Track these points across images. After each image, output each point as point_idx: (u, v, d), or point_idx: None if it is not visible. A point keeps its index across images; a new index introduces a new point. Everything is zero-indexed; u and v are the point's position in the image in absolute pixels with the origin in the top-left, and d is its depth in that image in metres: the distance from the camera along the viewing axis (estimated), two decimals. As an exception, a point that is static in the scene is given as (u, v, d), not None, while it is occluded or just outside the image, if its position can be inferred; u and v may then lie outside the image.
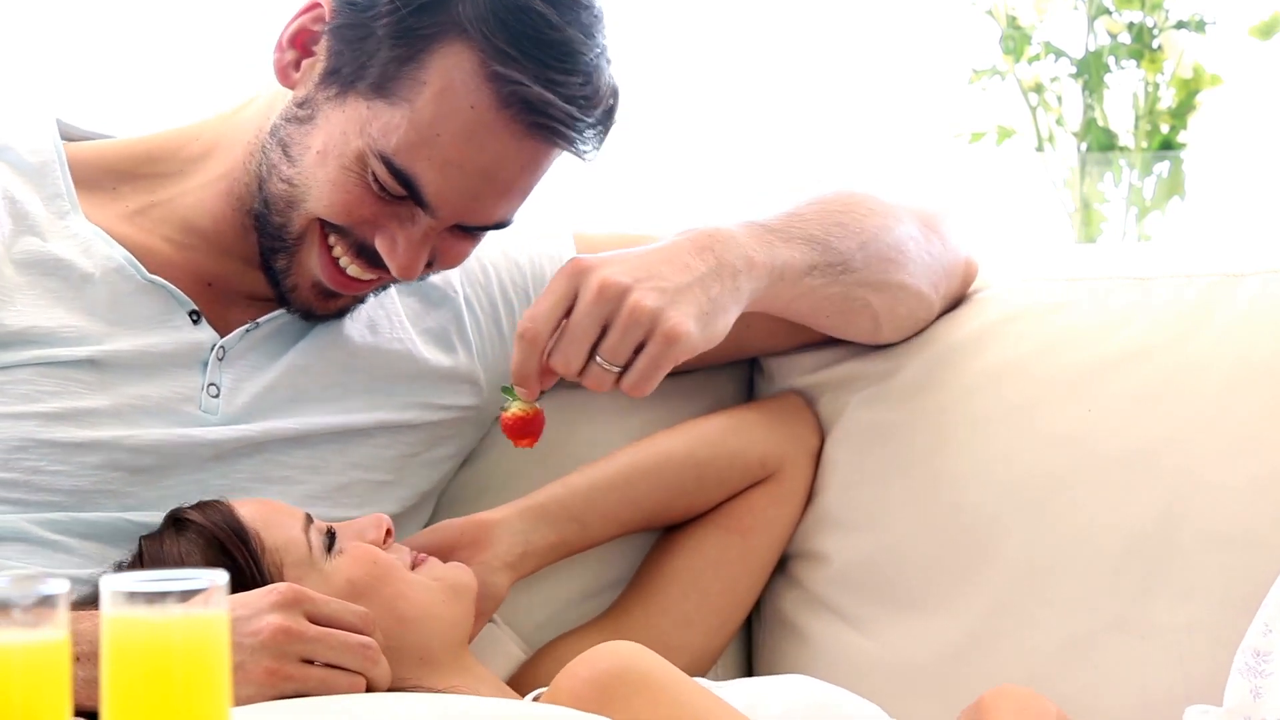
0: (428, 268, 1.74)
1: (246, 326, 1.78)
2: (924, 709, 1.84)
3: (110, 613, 1.09)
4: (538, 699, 1.58)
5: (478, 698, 1.58)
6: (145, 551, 1.66)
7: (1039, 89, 2.82)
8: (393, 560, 1.69)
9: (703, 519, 1.92)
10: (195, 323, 1.76)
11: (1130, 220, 2.81)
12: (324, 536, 1.67)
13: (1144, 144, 2.80)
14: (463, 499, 1.93)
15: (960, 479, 1.88)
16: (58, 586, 1.08)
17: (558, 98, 1.66)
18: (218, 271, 1.79)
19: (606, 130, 1.72)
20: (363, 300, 1.82)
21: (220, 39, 2.77)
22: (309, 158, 1.71)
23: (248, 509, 1.66)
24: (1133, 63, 2.80)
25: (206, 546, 1.63)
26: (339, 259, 1.73)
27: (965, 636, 1.86)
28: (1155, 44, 2.79)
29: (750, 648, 1.99)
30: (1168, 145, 2.80)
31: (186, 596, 1.08)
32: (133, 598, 1.08)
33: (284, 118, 1.73)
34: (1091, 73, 2.79)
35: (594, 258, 1.66)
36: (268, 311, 1.80)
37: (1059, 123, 2.83)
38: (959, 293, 1.98)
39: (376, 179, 1.68)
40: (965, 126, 2.88)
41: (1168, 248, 2.34)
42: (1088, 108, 2.81)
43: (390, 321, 1.86)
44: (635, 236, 1.91)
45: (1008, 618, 1.85)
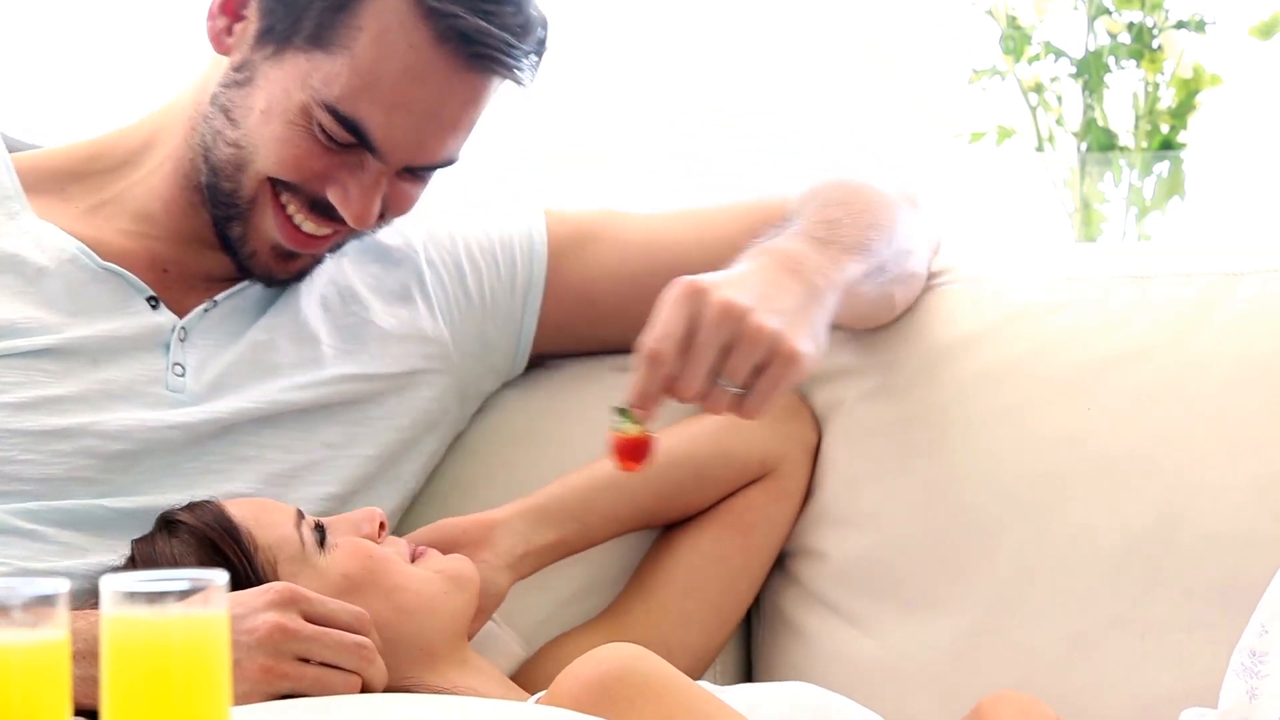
0: (381, 218, 1.77)
1: (205, 306, 1.80)
2: (923, 707, 1.85)
3: (110, 612, 1.09)
4: (538, 702, 1.58)
5: (479, 699, 1.58)
6: (137, 554, 1.66)
7: (1039, 89, 2.82)
8: (388, 553, 1.68)
9: (701, 517, 1.92)
10: (154, 308, 1.78)
11: (1130, 220, 2.81)
12: (315, 532, 1.66)
13: (1144, 144, 2.79)
14: (462, 499, 1.93)
15: (959, 477, 1.88)
16: (57, 586, 1.08)
17: (494, 27, 1.70)
18: (172, 257, 1.81)
19: (541, 57, 1.76)
20: (320, 260, 1.83)
21: (150, 47, 2.77)
22: (253, 118, 1.74)
23: (238, 507, 1.66)
24: (1133, 63, 2.79)
25: (199, 547, 1.63)
26: (293, 217, 1.76)
27: (964, 634, 1.86)
28: (1155, 44, 2.78)
29: (749, 645, 1.99)
30: (1168, 145, 2.80)
31: (186, 596, 1.08)
32: (132, 597, 1.08)
33: (223, 84, 1.76)
34: (1091, 73, 2.79)
35: (705, 279, 1.63)
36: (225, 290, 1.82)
37: (1059, 123, 2.83)
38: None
39: (323, 129, 1.71)
40: (965, 126, 2.88)
41: (1167, 247, 2.34)
42: (1088, 108, 2.81)
43: (349, 294, 1.87)
44: (605, 214, 1.96)
45: (1006, 615, 1.85)
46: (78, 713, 1.14)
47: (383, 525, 1.71)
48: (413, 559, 1.71)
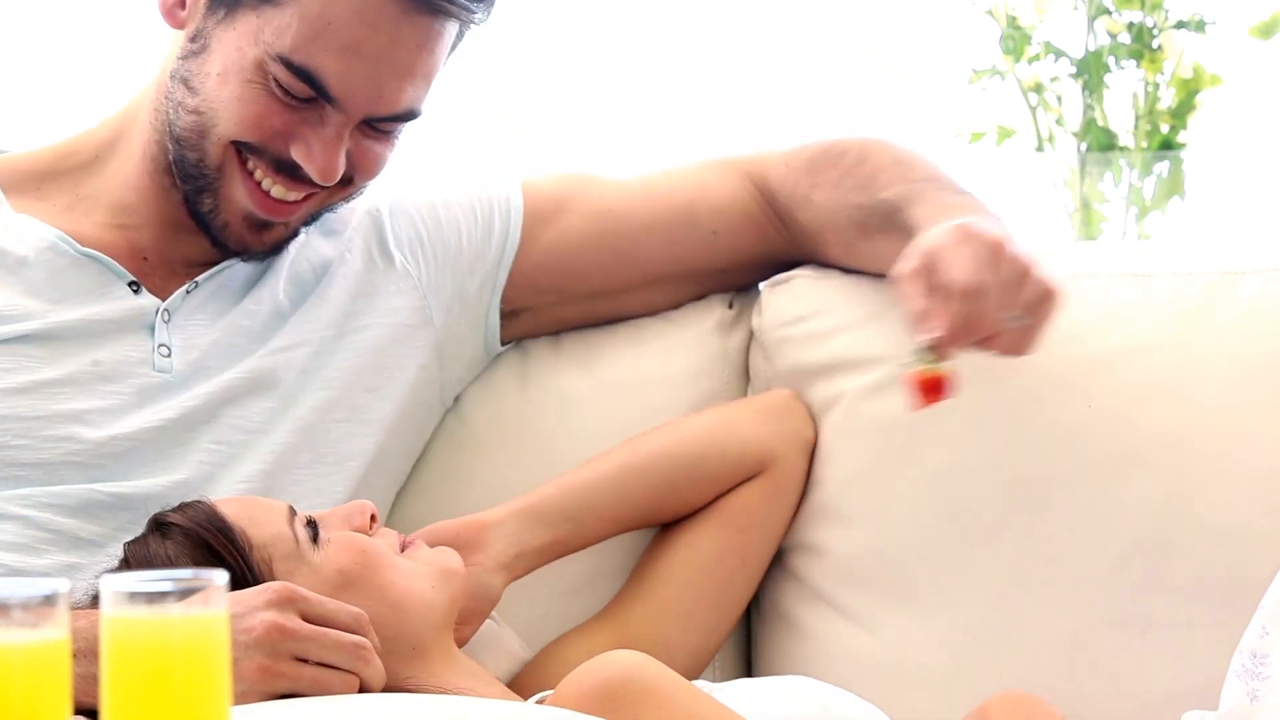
0: (350, 183, 1.79)
1: (186, 287, 1.81)
2: (921, 702, 1.84)
3: (110, 612, 1.08)
4: (541, 703, 1.58)
5: (477, 699, 1.58)
6: (130, 557, 1.64)
7: (1039, 89, 2.82)
8: (381, 547, 1.68)
9: (698, 515, 1.91)
10: (136, 293, 1.79)
11: (1130, 220, 2.81)
12: (308, 528, 1.66)
13: (1144, 144, 2.80)
14: (455, 497, 1.93)
15: (960, 473, 1.88)
16: (58, 586, 1.08)
17: None
18: (151, 245, 1.83)
19: (493, 2, 1.77)
20: (295, 233, 1.84)
21: (112, 51, 2.77)
22: (210, 83, 1.75)
23: (229, 506, 1.65)
24: (1133, 63, 2.80)
25: (194, 548, 1.62)
26: (262, 182, 1.77)
27: (964, 631, 1.86)
28: (1155, 44, 2.79)
29: (749, 642, 1.99)
30: (1168, 145, 2.80)
31: (186, 596, 1.08)
32: (132, 597, 1.08)
33: (180, 56, 1.78)
34: (1091, 73, 2.79)
35: (970, 223, 1.71)
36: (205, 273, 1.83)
37: (1059, 123, 2.83)
38: None
39: (279, 84, 1.72)
40: (965, 126, 2.88)
41: (1169, 245, 2.34)
42: (1088, 108, 2.81)
43: (322, 266, 1.88)
44: (579, 178, 1.97)
45: (1005, 612, 1.85)
46: (78, 711, 1.14)
47: (374, 518, 1.71)
48: (401, 549, 1.70)
